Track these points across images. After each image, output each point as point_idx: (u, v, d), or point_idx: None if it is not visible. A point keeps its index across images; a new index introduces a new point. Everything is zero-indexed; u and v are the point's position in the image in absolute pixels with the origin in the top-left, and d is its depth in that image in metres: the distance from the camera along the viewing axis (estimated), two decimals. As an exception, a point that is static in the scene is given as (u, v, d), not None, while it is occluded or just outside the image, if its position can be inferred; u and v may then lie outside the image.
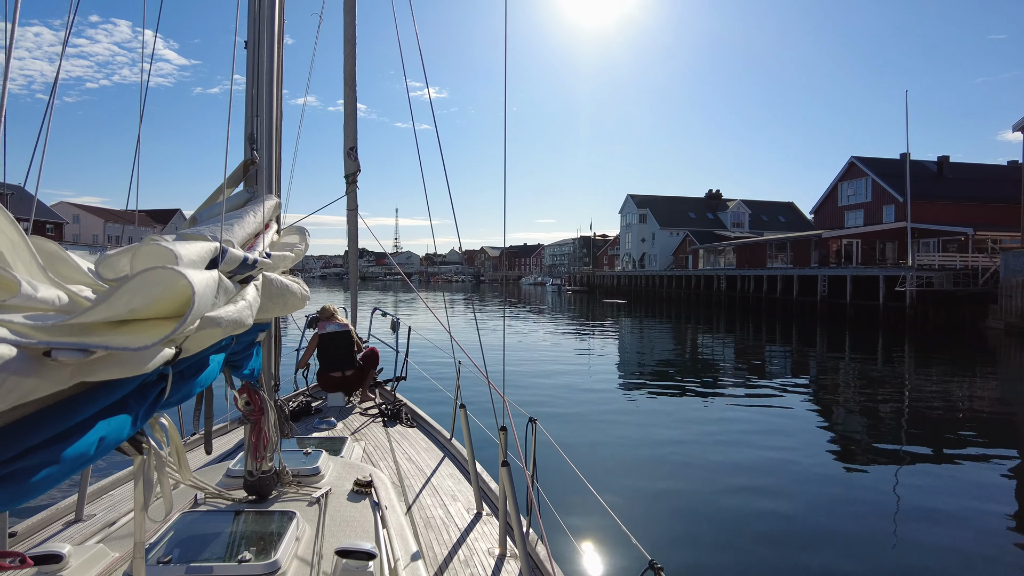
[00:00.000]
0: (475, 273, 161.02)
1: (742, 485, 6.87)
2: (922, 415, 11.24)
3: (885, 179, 40.72)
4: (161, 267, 1.10)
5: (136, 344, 1.01)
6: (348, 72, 6.09)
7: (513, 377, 13.45)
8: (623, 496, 6.34)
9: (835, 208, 46.05)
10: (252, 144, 2.65)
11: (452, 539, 3.04)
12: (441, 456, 4.43)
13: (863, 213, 42.70)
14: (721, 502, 6.33)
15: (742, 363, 17.99)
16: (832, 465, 8.00)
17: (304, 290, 2.31)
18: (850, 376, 15.86)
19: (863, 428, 10.18)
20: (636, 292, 61.92)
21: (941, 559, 5.26)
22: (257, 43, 2.65)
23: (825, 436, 9.67)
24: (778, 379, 15.06)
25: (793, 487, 6.92)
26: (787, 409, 11.39)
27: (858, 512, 6.26)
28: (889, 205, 40.23)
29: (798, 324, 31.11)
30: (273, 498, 2.78)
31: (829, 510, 6.29)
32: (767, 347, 22.20)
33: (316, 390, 6.52)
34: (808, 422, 10.57)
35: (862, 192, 43.01)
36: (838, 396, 13.24)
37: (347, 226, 6.23)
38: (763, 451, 8.31)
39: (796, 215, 74.57)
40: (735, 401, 12.06)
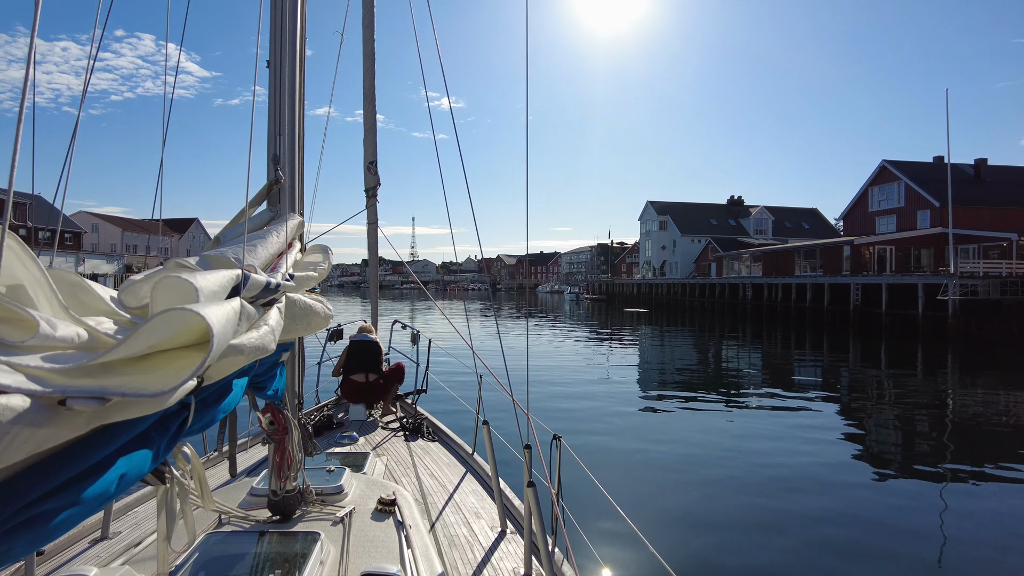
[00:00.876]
0: (492, 281, 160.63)
1: (773, 505, 6.52)
2: (968, 433, 10.24)
3: (919, 183, 39.08)
4: (180, 308, 1.08)
5: (152, 389, 1.00)
6: (367, 87, 6.10)
7: (534, 387, 12.99)
8: (649, 514, 6.09)
9: (865, 214, 44.41)
10: (276, 164, 2.61)
11: (477, 558, 2.95)
12: (463, 472, 4.32)
13: (895, 219, 41.03)
14: (751, 521, 6.04)
15: (771, 375, 17.11)
16: (871, 486, 7.39)
17: (328, 309, 2.32)
18: (888, 389, 14.87)
19: (902, 446, 9.43)
20: (657, 301, 60.59)
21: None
22: (279, 63, 2.62)
23: (863, 454, 8.94)
24: (810, 392, 14.22)
25: (827, 507, 6.49)
26: (820, 424, 10.71)
27: (896, 534, 5.87)
28: (924, 210, 38.61)
29: (830, 334, 29.71)
30: (297, 518, 2.74)
31: (865, 532, 5.89)
32: (797, 358, 21.08)
33: (337, 404, 6.47)
34: (843, 439, 9.85)
35: (894, 197, 41.36)
36: (875, 410, 12.31)
37: (367, 239, 6.26)
38: (795, 469, 7.86)
39: (820, 222, 72.90)
40: (764, 415, 11.41)
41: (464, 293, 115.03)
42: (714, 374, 17.56)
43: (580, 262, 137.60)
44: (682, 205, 73.31)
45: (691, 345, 25.43)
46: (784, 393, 13.86)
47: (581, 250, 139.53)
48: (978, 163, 41.69)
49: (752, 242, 63.25)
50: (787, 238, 64.97)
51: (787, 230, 68.97)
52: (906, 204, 40.25)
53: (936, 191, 38.03)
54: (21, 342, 0.94)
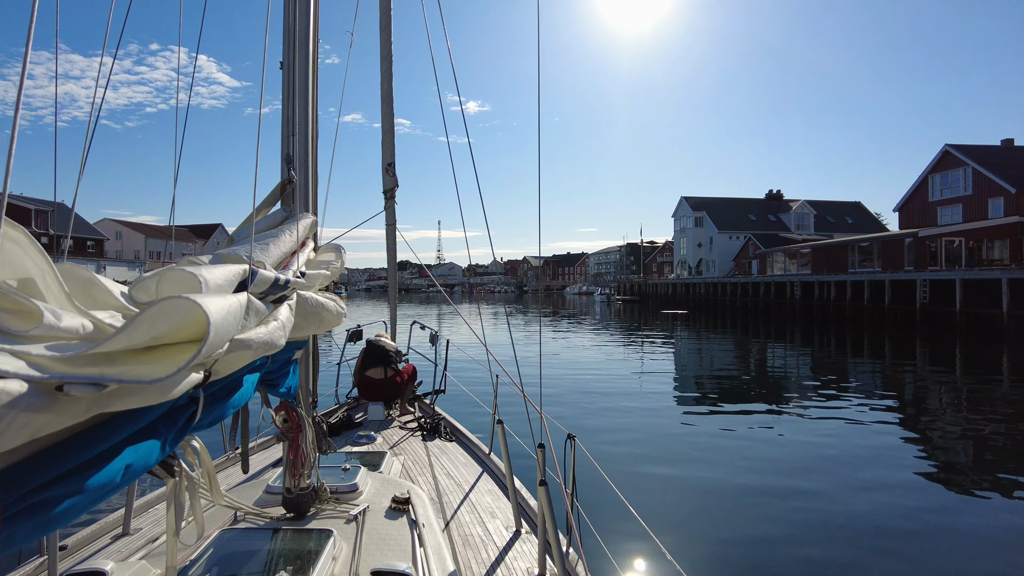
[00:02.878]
0: (518, 283, 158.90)
1: (803, 516, 6.19)
2: None
3: (990, 168, 35.58)
4: (177, 297, 1.09)
5: (151, 376, 1.02)
6: (385, 89, 6.20)
7: (562, 392, 13.00)
8: (667, 517, 6.06)
9: (925, 204, 40.84)
10: (289, 164, 2.64)
11: (491, 558, 2.94)
12: (480, 471, 4.31)
13: (961, 208, 37.54)
14: (771, 528, 5.84)
15: (822, 381, 15.34)
16: (923, 500, 6.73)
17: (340, 307, 2.34)
18: (966, 399, 13.05)
19: (985, 467, 8.11)
20: (695, 301, 57.63)
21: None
22: (291, 63, 2.65)
23: (920, 465, 8.05)
24: (866, 398, 12.84)
25: (860, 523, 6.03)
26: (872, 432, 9.83)
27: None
28: (996, 198, 35.09)
29: (892, 336, 26.85)
30: (311, 515, 2.74)
31: (904, 555, 5.33)
32: (854, 363, 18.81)
33: (356, 404, 6.49)
34: (898, 449, 8.91)
35: (959, 184, 37.82)
36: (950, 422, 10.81)
37: (386, 241, 6.32)
38: (834, 479, 7.38)
39: (864, 215, 69.24)
40: (807, 423, 10.51)
41: (491, 296, 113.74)
42: (756, 379, 16.03)
43: (608, 262, 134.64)
44: (719, 200, 70.18)
45: (733, 349, 23.37)
46: (835, 400, 12.60)
47: (609, 250, 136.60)
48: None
49: (795, 238, 59.98)
50: (831, 233, 61.57)
51: (829, 225, 65.48)
52: (974, 192, 36.71)
53: (1011, 176, 34.60)
54: (25, 332, 0.95)
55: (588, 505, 3.52)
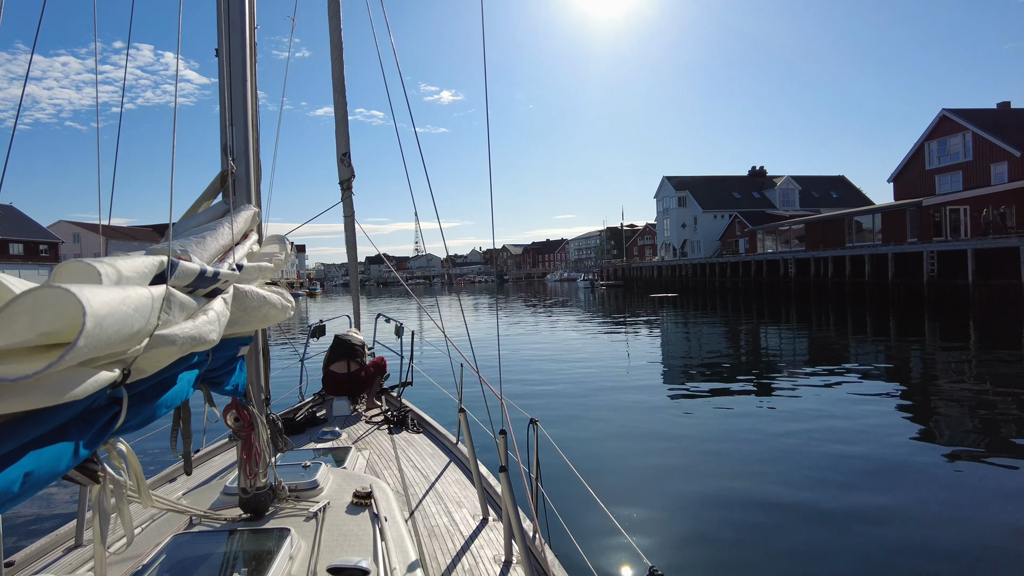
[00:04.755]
0: (498, 272, 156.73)
1: (776, 499, 6.02)
2: None
3: (991, 131, 33.83)
4: (48, 286, 1.02)
5: (12, 375, 0.96)
6: (336, 78, 6.15)
7: (543, 380, 12.80)
8: (632, 498, 6.06)
9: (922, 173, 39.00)
10: (228, 154, 2.56)
11: (456, 547, 2.96)
12: (447, 461, 4.32)
13: (961, 175, 35.80)
14: (734, 509, 5.78)
15: (821, 361, 14.76)
16: (932, 486, 6.32)
17: (285, 301, 2.30)
18: (978, 373, 12.50)
19: (994, 441, 7.76)
20: (682, 283, 55.79)
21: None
22: (227, 51, 2.55)
23: (931, 450, 7.58)
24: (868, 379, 12.25)
25: (829, 504, 5.85)
26: (871, 412, 9.39)
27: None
28: (999, 162, 33.33)
29: (897, 312, 25.28)
30: (269, 515, 2.65)
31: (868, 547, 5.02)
32: (856, 341, 17.98)
33: (322, 400, 6.23)
34: (905, 432, 8.37)
35: (960, 150, 36.00)
36: (962, 398, 10.29)
37: (345, 233, 6.47)
38: (803, 463, 7.09)
39: (849, 189, 67.92)
40: (793, 404, 10.17)
41: (471, 286, 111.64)
42: (748, 362, 15.36)
43: (589, 247, 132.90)
44: (702, 179, 68.35)
45: (725, 331, 22.39)
46: (831, 383, 11.86)
47: (590, 235, 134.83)
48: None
49: (782, 214, 58.39)
50: (817, 208, 60.12)
51: (815, 200, 64.07)
52: (975, 157, 34.93)
53: (1015, 139, 32.87)
54: None
55: (553, 489, 3.73)
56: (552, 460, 3.65)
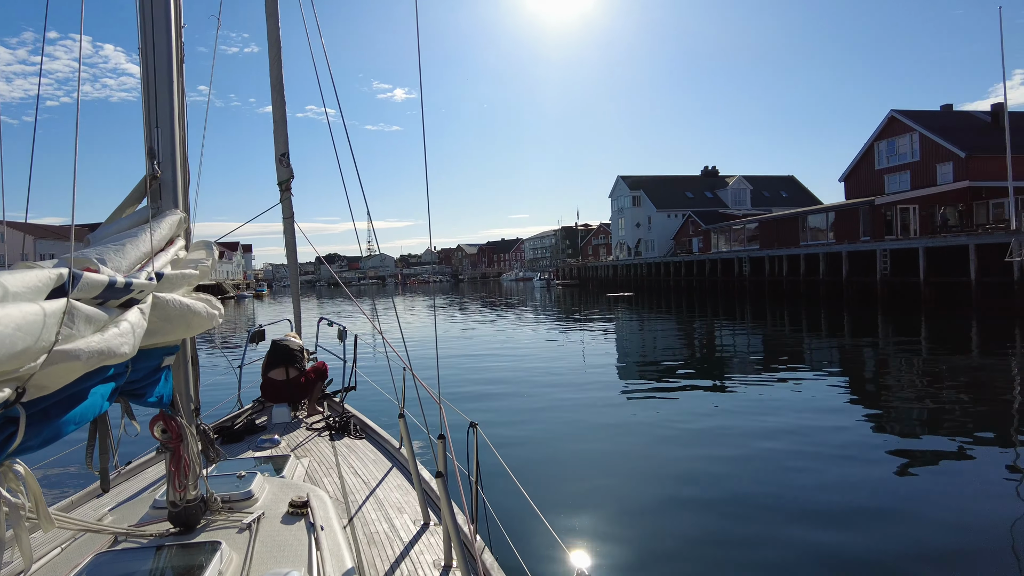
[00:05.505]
0: (453, 272, 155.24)
1: (705, 495, 6.15)
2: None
3: (938, 133, 34.49)
4: None
5: None
6: (274, 77, 6.06)
7: (500, 385, 12.37)
8: (570, 499, 6.12)
9: (872, 172, 39.62)
10: (153, 158, 2.48)
11: (396, 553, 2.94)
12: (389, 467, 4.29)
13: (909, 175, 36.43)
14: (673, 508, 5.88)
15: (774, 360, 14.80)
16: (879, 476, 6.53)
17: (212, 309, 2.23)
18: (929, 369, 12.88)
19: (940, 433, 8.09)
20: (637, 283, 55.71)
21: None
22: (149, 50, 2.47)
23: (877, 442, 7.78)
24: (820, 375, 12.43)
25: (773, 502, 5.91)
26: (819, 409, 9.50)
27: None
28: (945, 163, 33.99)
29: (851, 310, 25.70)
30: (200, 528, 2.57)
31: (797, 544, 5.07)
32: (809, 339, 18.27)
33: (261, 408, 6.10)
34: (852, 428, 8.46)
35: (907, 150, 36.67)
36: (912, 392, 10.67)
37: (284, 235, 6.34)
38: (750, 458, 7.23)
39: (798, 189, 69.17)
40: (739, 402, 10.24)
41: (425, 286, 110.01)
42: (702, 361, 15.44)
43: (544, 247, 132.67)
44: (656, 179, 68.54)
45: (679, 330, 22.44)
46: (787, 378, 12.17)
47: (545, 235, 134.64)
48: (995, 109, 37.33)
49: (734, 213, 58.96)
50: (768, 208, 60.95)
51: (765, 199, 64.97)
52: (923, 158, 35.57)
53: (959, 140, 33.57)
54: None
55: (494, 492, 3.86)
56: (493, 463, 3.68)
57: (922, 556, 4.79)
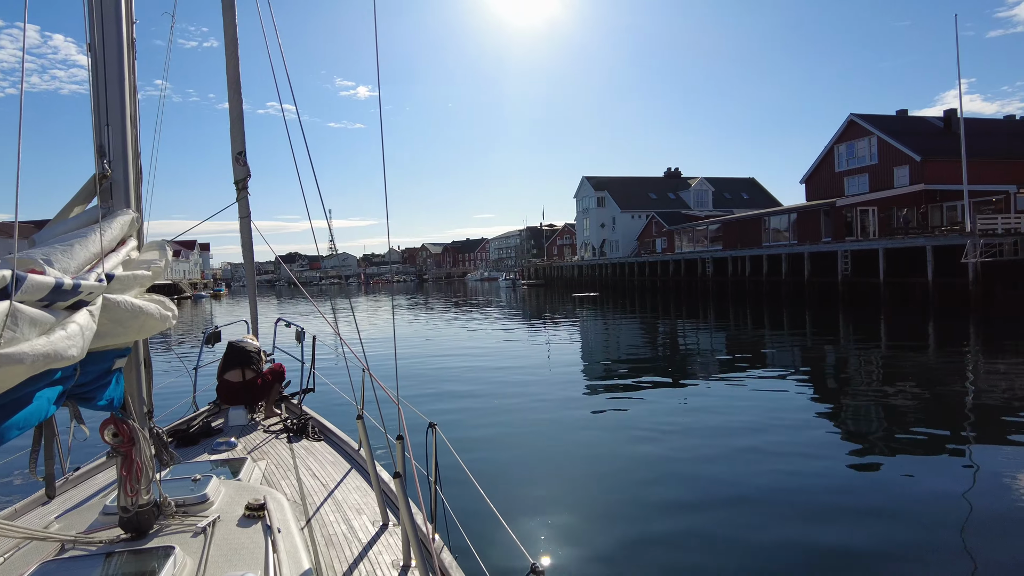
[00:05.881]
0: (417, 272, 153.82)
1: (661, 493, 6.25)
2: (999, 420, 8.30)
3: (895, 137, 35.29)
4: None
5: None
6: (231, 73, 6.03)
7: (463, 385, 12.35)
8: (528, 498, 6.15)
9: (832, 175, 40.37)
10: (103, 156, 2.42)
11: (354, 554, 2.94)
12: (348, 468, 4.26)
13: (868, 178, 37.20)
14: (629, 506, 5.95)
15: (737, 359, 15.00)
16: (836, 476, 6.58)
17: (165, 311, 2.21)
18: (887, 367, 13.09)
19: (901, 430, 8.28)
20: (602, 283, 55.80)
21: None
22: (102, 45, 2.40)
23: (835, 440, 7.88)
24: (782, 375, 12.50)
25: (728, 500, 5.94)
26: (781, 409, 9.56)
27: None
28: (901, 166, 34.81)
29: (813, 310, 26.08)
30: (153, 533, 2.52)
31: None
32: (772, 339, 18.45)
33: (217, 411, 6.01)
34: (812, 427, 8.54)
35: (866, 154, 37.47)
36: (871, 391, 10.77)
37: (240, 235, 6.33)
38: (714, 458, 7.25)
39: (759, 191, 70.43)
40: (701, 401, 10.34)
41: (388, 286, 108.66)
42: (665, 360, 15.54)
43: (510, 247, 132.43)
44: (620, 180, 68.87)
45: (643, 330, 22.52)
46: (749, 377, 12.28)
47: (510, 235, 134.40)
48: (947, 115, 38.41)
49: (697, 214, 59.58)
50: (730, 209, 61.75)
51: (727, 201, 65.95)
52: (880, 161, 36.36)
53: (915, 144, 34.41)
54: None
55: (453, 491, 3.81)
56: (453, 463, 3.67)
57: (877, 550, 4.86)
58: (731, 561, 4.80)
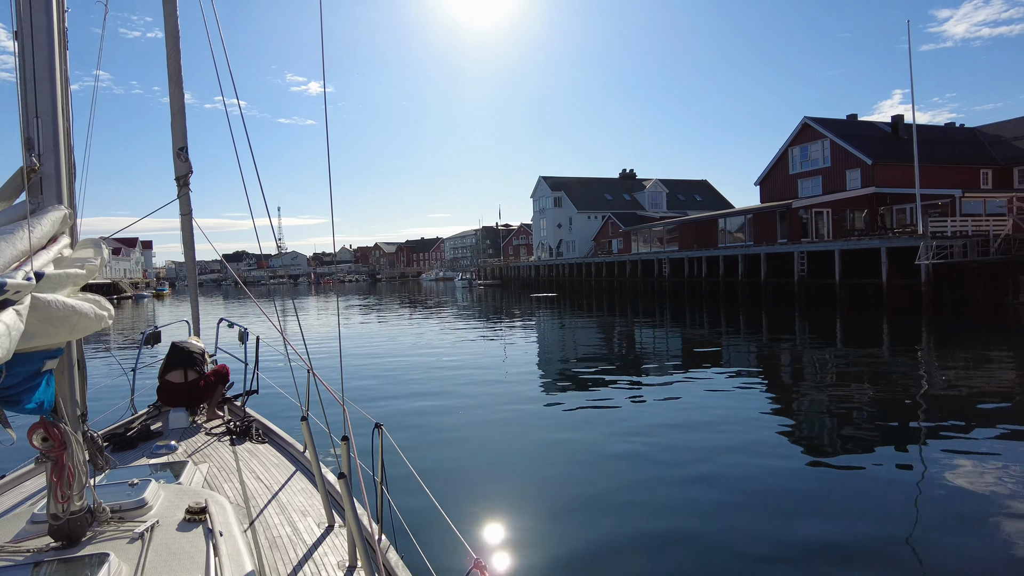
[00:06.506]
0: (370, 271, 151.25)
1: (602, 490, 6.25)
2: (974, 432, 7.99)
3: (847, 140, 35.98)
4: None
5: None
6: (172, 67, 5.95)
7: (411, 385, 12.26)
8: (473, 496, 6.15)
9: (786, 177, 40.97)
10: (31, 149, 2.34)
11: (299, 556, 2.91)
12: (293, 471, 4.19)
13: (821, 180, 37.85)
14: (569, 502, 5.98)
15: (693, 359, 14.98)
16: (789, 473, 6.61)
17: (100, 310, 2.17)
18: (843, 367, 13.16)
19: (852, 429, 8.31)
20: (559, 283, 55.58)
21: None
22: (28, 33, 2.32)
23: (785, 440, 7.82)
24: (736, 375, 12.40)
25: (675, 499, 5.98)
26: (732, 407, 9.56)
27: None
28: (853, 169, 35.49)
29: (769, 311, 26.19)
30: (86, 540, 2.42)
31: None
32: (729, 339, 18.31)
33: (158, 413, 5.85)
34: (766, 427, 8.48)
35: (819, 156, 38.11)
36: (826, 390, 10.87)
37: (181, 232, 6.22)
38: (663, 456, 7.25)
39: (712, 193, 71.58)
40: (652, 400, 10.30)
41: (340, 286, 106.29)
42: (619, 360, 15.34)
43: (465, 247, 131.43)
44: (576, 180, 68.83)
45: (599, 331, 22.19)
46: (704, 377, 12.22)
47: (465, 234, 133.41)
48: (895, 120, 39.45)
49: (652, 216, 60.00)
50: (684, 211, 62.45)
51: (680, 203, 66.69)
52: (833, 164, 37.01)
53: (866, 148, 35.15)
54: None
55: (399, 491, 3.93)
56: (400, 463, 3.68)
57: (830, 544, 4.88)
58: (676, 557, 4.81)
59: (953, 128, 42.23)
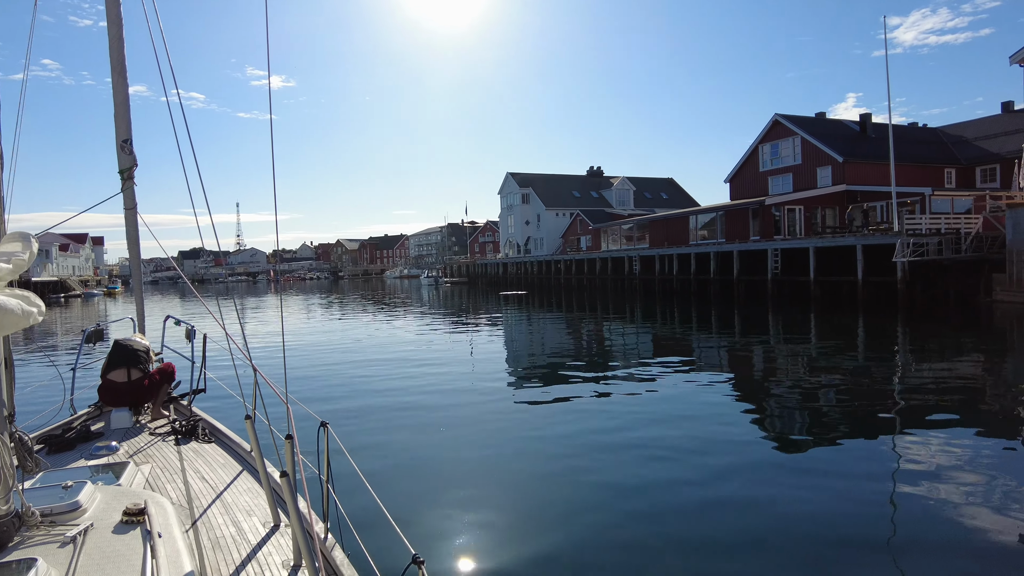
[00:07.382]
0: (332, 269, 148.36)
1: (553, 487, 6.20)
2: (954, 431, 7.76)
3: (818, 138, 35.94)
4: None
5: None
6: (115, 58, 5.85)
7: (373, 383, 11.88)
8: (420, 493, 6.06)
9: (756, 174, 40.85)
10: None
11: (243, 556, 2.87)
12: (239, 470, 4.14)
13: (792, 178, 37.80)
14: (526, 505, 5.81)
15: (661, 357, 14.50)
16: (758, 476, 6.31)
17: (29, 306, 2.14)
18: (815, 365, 12.87)
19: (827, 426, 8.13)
20: (527, 281, 54.72)
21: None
22: None
23: (756, 438, 7.70)
24: (706, 373, 12.16)
25: (630, 492, 5.89)
26: (700, 406, 9.27)
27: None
28: (824, 166, 35.47)
29: (742, 309, 25.78)
30: (13, 546, 2.35)
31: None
32: (699, 338, 17.95)
33: (99, 413, 5.71)
34: (735, 425, 8.25)
35: (790, 154, 38.05)
36: (804, 389, 10.55)
37: (126, 228, 6.15)
38: (619, 453, 7.10)
39: (677, 191, 71.76)
40: (645, 401, 9.71)
41: (301, 284, 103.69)
42: (586, 357, 15.02)
43: (431, 244, 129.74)
44: (544, 177, 68.12)
45: (567, 329, 21.66)
46: (675, 376, 11.76)
47: (431, 231, 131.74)
48: (863, 118, 39.64)
49: (620, 213, 59.69)
50: (651, 208, 62.37)
51: (647, 200, 66.65)
52: (804, 161, 36.96)
53: (837, 145, 35.15)
54: None
55: (347, 491, 3.92)
56: (345, 462, 3.61)
57: (800, 548, 4.78)
58: (632, 553, 4.72)
59: (917, 128, 42.76)
